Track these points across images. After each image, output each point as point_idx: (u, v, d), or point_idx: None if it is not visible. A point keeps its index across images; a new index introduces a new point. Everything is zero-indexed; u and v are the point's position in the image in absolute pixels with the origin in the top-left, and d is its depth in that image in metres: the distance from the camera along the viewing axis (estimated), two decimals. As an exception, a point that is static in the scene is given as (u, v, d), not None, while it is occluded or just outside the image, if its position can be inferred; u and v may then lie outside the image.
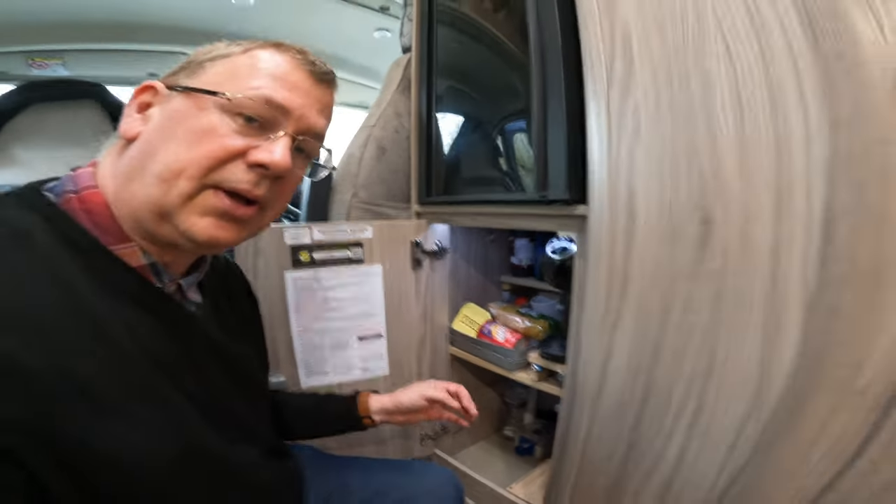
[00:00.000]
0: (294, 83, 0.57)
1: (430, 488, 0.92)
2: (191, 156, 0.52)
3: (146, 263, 0.55)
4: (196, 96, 0.54)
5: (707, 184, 0.72)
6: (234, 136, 0.54)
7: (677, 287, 0.76)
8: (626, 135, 0.82)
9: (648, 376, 0.82)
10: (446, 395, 0.95)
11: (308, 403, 0.98)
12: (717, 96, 0.71)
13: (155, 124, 0.54)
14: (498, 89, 1.18)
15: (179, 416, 0.54)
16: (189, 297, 0.63)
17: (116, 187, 0.54)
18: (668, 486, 0.83)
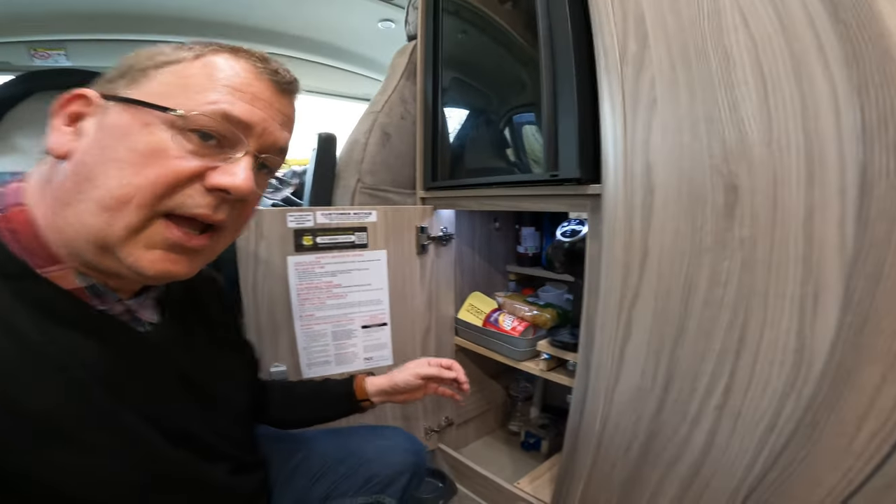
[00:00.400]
0: (255, 94, 0.50)
1: (387, 452, 0.90)
2: (138, 181, 0.44)
3: (82, 286, 0.49)
4: (139, 109, 0.46)
5: (731, 151, 0.67)
6: (188, 158, 0.47)
7: (702, 259, 0.70)
8: (642, 108, 0.77)
9: (672, 357, 0.76)
10: (440, 370, 0.94)
11: (306, 391, 0.95)
12: (738, 67, 0.67)
13: (90, 141, 0.46)
14: (506, 76, 1.14)
15: (136, 440, 0.50)
16: (141, 317, 0.56)
17: (47, 210, 0.47)
18: (694, 475, 0.77)
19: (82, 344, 0.48)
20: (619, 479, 0.90)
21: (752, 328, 0.66)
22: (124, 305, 0.53)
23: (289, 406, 0.92)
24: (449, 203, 1.26)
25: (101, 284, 0.50)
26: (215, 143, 0.48)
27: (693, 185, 0.70)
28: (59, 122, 0.48)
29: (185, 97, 0.47)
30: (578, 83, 0.88)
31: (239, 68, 0.50)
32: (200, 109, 0.46)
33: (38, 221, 0.47)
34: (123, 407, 0.49)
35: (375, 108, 1.34)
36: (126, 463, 0.49)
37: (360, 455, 0.88)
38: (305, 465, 0.86)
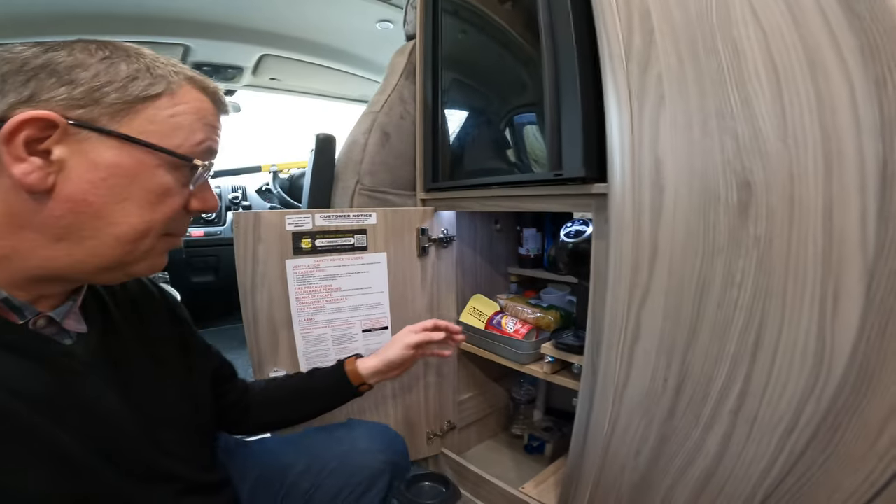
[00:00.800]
0: (218, 126, 0.55)
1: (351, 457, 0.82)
2: (155, 217, 0.49)
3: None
4: (139, 149, 0.47)
5: (744, 147, 0.64)
6: (181, 191, 0.52)
7: (716, 258, 0.67)
8: (650, 105, 0.74)
9: (684, 359, 0.72)
10: (428, 334, 0.95)
11: (292, 388, 0.90)
12: (749, 60, 0.64)
13: (87, 178, 0.44)
14: (507, 75, 1.10)
15: (62, 459, 0.46)
16: (67, 327, 0.52)
17: (15, 242, 0.45)
18: (707, 481, 0.74)
19: (2, 363, 0.44)
20: (629, 484, 0.86)
21: (769, 330, 0.63)
22: (46, 318, 0.50)
23: (274, 407, 0.87)
24: (450, 204, 1.23)
25: (17, 298, 0.47)
26: (196, 175, 0.52)
27: (705, 183, 0.67)
28: (18, 149, 0.42)
29: (178, 138, 0.49)
30: (582, 80, 0.85)
31: (207, 102, 0.53)
32: (195, 152, 0.50)
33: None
34: (48, 424, 0.45)
35: (375, 108, 1.31)
36: (49, 484, 0.45)
37: (321, 466, 0.80)
38: (265, 485, 0.79)
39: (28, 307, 0.48)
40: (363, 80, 2.33)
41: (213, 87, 0.54)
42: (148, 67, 0.48)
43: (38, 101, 0.42)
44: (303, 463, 0.81)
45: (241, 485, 0.78)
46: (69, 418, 0.48)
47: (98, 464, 0.49)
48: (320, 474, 0.79)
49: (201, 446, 0.69)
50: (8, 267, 0.45)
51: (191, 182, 0.52)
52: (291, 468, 0.80)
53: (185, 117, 0.50)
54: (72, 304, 0.53)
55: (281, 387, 0.90)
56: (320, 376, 0.91)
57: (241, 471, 0.79)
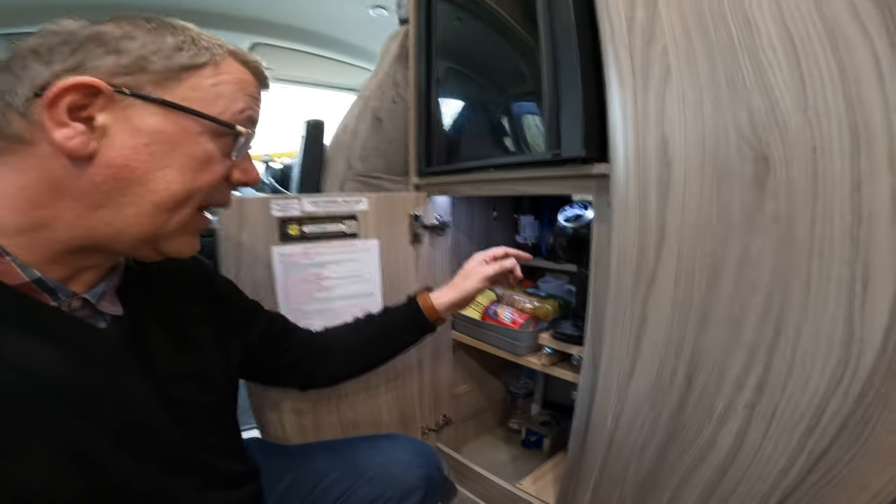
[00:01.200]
0: (258, 98, 0.55)
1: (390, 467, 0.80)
2: (196, 185, 0.48)
3: (28, 280, 0.44)
4: (182, 115, 0.46)
5: (760, 120, 0.58)
6: (223, 160, 0.51)
7: (730, 238, 0.61)
8: (655, 79, 0.67)
9: (695, 348, 0.66)
10: (501, 264, 0.93)
11: (367, 332, 0.90)
12: (762, 32, 0.58)
13: (129, 144, 0.44)
14: (502, 56, 1.04)
15: (86, 451, 0.45)
16: (102, 309, 0.51)
17: (56, 210, 0.44)
18: (719, 479, 0.68)
19: (29, 345, 0.43)
20: (633, 482, 0.81)
21: (791, 315, 0.57)
22: (81, 300, 0.48)
23: (350, 354, 0.88)
24: (444, 189, 1.16)
25: (51, 278, 0.45)
26: (238, 143, 0.52)
27: (717, 158, 0.61)
28: (61, 115, 0.41)
29: (219, 105, 0.48)
30: (581, 56, 0.78)
31: (247, 73, 0.53)
32: (237, 119, 0.50)
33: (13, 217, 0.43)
34: (73, 414, 0.44)
35: (366, 93, 1.24)
36: (71, 476, 0.44)
37: (358, 473, 0.78)
38: (297, 488, 0.77)
39: (62, 288, 0.46)
40: (357, 69, 2.26)
41: (254, 61, 0.54)
42: (193, 39, 0.48)
43: (85, 70, 0.42)
44: (340, 470, 0.79)
45: (273, 486, 0.77)
46: (97, 407, 0.46)
47: (124, 456, 0.48)
48: (356, 482, 0.77)
49: (229, 432, 0.69)
50: (47, 236, 0.44)
51: (233, 151, 0.51)
52: (326, 475, 0.79)
53: (226, 87, 0.49)
54: (107, 284, 0.52)
55: (355, 332, 0.90)
56: (395, 315, 0.91)
57: (276, 472, 0.79)
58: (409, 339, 0.92)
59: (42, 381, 0.42)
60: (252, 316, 0.78)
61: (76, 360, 0.46)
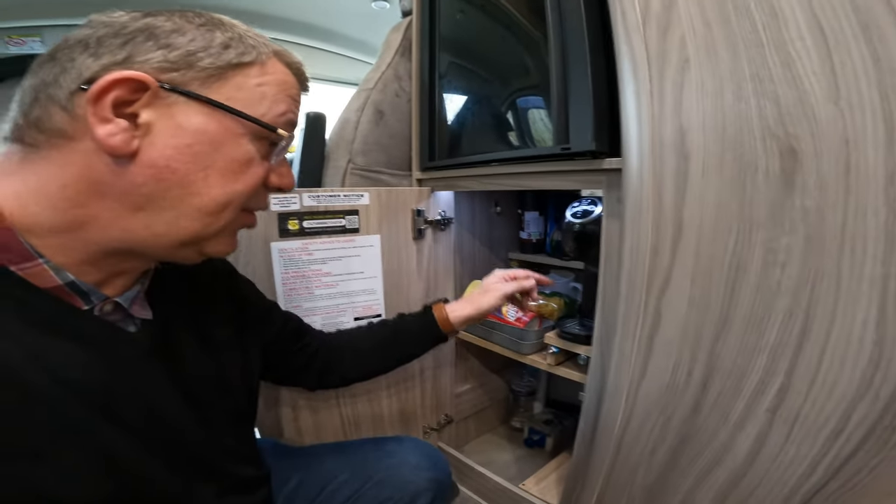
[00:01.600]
0: (299, 101, 0.53)
1: (399, 470, 0.78)
2: (237, 188, 0.46)
3: (61, 283, 0.42)
4: (225, 115, 0.44)
5: (787, 111, 0.54)
6: (262, 164, 0.49)
7: (754, 236, 0.57)
8: (672, 70, 0.63)
9: (712, 351, 0.63)
10: (521, 286, 0.92)
11: (381, 336, 0.89)
12: (791, 23, 0.54)
13: (171, 143, 0.42)
14: (508, 48, 1.00)
15: (114, 454, 0.44)
16: (133, 313, 0.49)
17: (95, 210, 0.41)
18: (735, 483, 0.65)
19: (60, 349, 0.41)
20: (642, 486, 0.77)
21: (818, 317, 0.53)
22: (113, 303, 0.47)
23: (362, 357, 0.86)
24: (447, 184, 1.12)
25: (84, 282, 0.43)
26: (278, 147, 0.50)
27: (740, 151, 0.57)
28: (105, 110, 0.39)
29: (262, 106, 0.46)
30: (591, 47, 0.75)
31: (290, 75, 0.50)
32: (278, 122, 0.48)
33: (15, 212, 0.40)
34: (101, 419, 0.43)
35: (368, 86, 1.20)
36: (104, 479, 0.43)
37: (366, 475, 0.75)
38: (304, 490, 0.75)
39: (95, 291, 0.45)
40: (357, 63, 2.21)
41: (297, 63, 0.52)
42: (241, 36, 0.46)
43: (133, 63, 0.40)
44: (348, 472, 0.77)
45: (280, 487, 0.76)
46: (127, 412, 0.45)
47: (149, 462, 0.47)
48: (365, 484, 0.76)
49: (246, 436, 0.67)
50: (84, 237, 0.42)
51: (272, 155, 0.49)
52: (335, 477, 0.77)
53: (270, 88, 0.47)
54: (139, 288, 0.50)
55: (368, 334, 0.89)
56: (410, 322, 0.90)
57: (283, 474, 0.77)
58: (421, 347, 0.91)
59: (72, 385, 0.41)
60: (269, 315, 0.77)
61: (106, 365, 0.45)
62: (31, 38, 1.83)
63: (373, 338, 0.88)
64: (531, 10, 0.92)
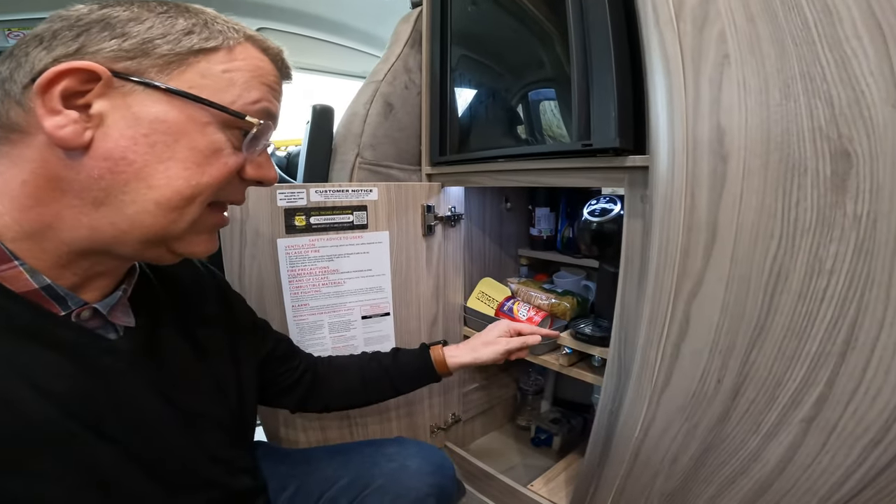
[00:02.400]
0: (277, 90, 0.49)
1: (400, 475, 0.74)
2: (203, 180, 0.43)
3: (37, 287, 0.41)
4: (188, 104, 0.41)
5: (841, 112, 0.50)
6: (235, 154, 0.45)
7: (799, 242, 0.54)
8: (710, 66, 0.59)
9: (746, 359, 0.60)
10: (524, 343, 0.90)
11: (377, 370, 0.86)
12: (846, 21, 0.50)
13: (127, 133, 0.39)
14: (524, 39, 0.96)
15: (94, 469, 0.42)
16: (113, 320, 0.47)
17: (58, 208, 0.40)
18: (761, 492, 0.62)
19: (38, 357, 0.40)
20: (660, 492, 0.75)
21: (865, 327, 0.50)
22: (91, 310, 0.45)
23: (351, 388, 0.84)
24: (459, 179, 1.08)
25: (61, 286, 0.42)
26: (246, 136, 0.46)
27: (786, 152, 0.53)
28: (53, 101, 0.37)
29: (231, 94, 0.43)
30: (615, 40, 0.71)
31: (268, 64, 0.47)
32: (249, 110, 0.44)
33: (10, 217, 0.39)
34: (82, 430, 0.41)
35: (377, 78, 1.15)
36: (87, 491, 0.42)
37: (365, 482, 0.71)
38: (304, 496, 0.72)
39: (72, 296, 0.43)
40: (365, 56, 2.14)
41: (275, 49, 0.48)
42: (206, 22, 0.43)
43: (86, 54, 0.38)
44: (347, 478, 0.73)
45: (279, 494, 0.72)
46: (107, 423, 0.44)
47: (133, 473, 0.46)
48: (363, 491, 0.71)
49: (241, 446, 0.65)
50: (53, 238, 0.40)
51: (244, 145, 0.46)
52: (334, 482, 0.73)
53: (240, 74, 0.44)
54: (121, 294, 0.48)
55: (360, 366, 0.86)
56: (405, 359, 0.88)
57: (281, 480, 0.74)
58: (411, 386, 0.89)
59: (52, 396, 0.40)
60: (262, 332, 0.75)
61: (86, 374, 0.43)
62: None
63: (364, 370, 0.85)
64: (548, 1, 0.88)
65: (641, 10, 0.67)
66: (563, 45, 0.85)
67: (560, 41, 0.86)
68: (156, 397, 0.49)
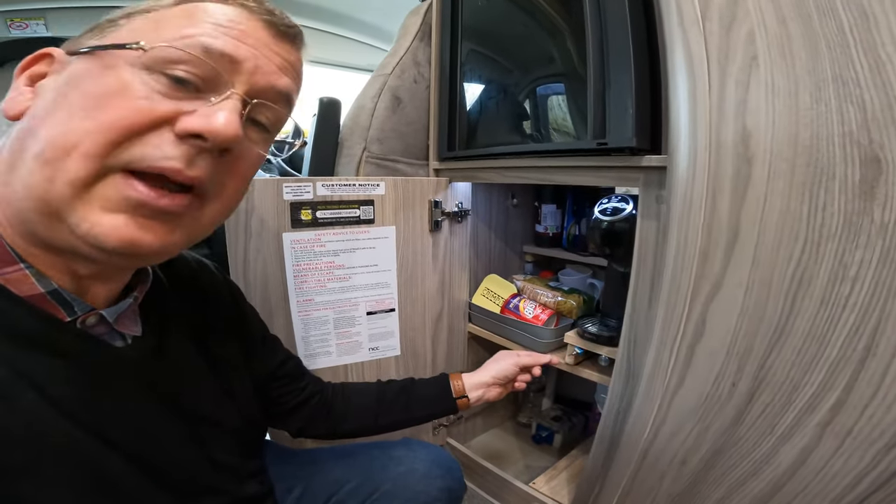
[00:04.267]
0: (244, 31, 0.40)
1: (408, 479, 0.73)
2: (86, 125, 0.34)
3: (43, 291, 0.38)
4: (102, 55, 0.37)
5: (873, 117, 0.50)
6: (156, 99, 0.36)
7: (823, 247, 0.53)
8: (736, 67, 0.58)
9: (763, 363, 0.59)
10: (538, 360, 0.87)
11: (394, 389, 0.82)
12: (882, 25, 0.49)
13: (46, 96, 0.37)
14: (539, 34, 0.94)
15: (99, 473, 0.40)
16: (120, 328, 0.45)
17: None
18: (771, 495, 0.63)
19: (42, 364, 0.38)
20: (667, 494, 0.75)
21: (886, 334, 0.50)
22: (97, 316, 0.42)
23: (368, 410, 0.79)
24: (466, 175, 1.07)
25: (67, 291, 0.40)
26: (193, 88, 0.38)
27: (815, 156, 0.53)
28: (20, 83, 0.40)
29: (156, 35, 0.37)
30: (634, 38, 0.70)
31: (227, 9, 0.40)
32: (173, 43, 0.37)
33: None
34: (89, 439, 0.39)
35: (385, 71, 1.13)
36: (92, 499, 0.40)
37: (374, 485, 0.70)
38: (310, 499, 0.71)
39: (78, 301, 0.41)
40: (371, 49, 2.11)
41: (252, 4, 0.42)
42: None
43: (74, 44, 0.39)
44: (355, 481, 0.71)
45: (286, 495, 0.70)
46: (112, 430, 0.42)
47: (140, 480, 0.44)
48: (372, 495, 0.70)
49: (249, 454, 0.62)
50: (13, 213, 0.37)
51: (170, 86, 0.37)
52: (342, 485, 0.71)
53: (174, 20, 0.39)
54: (131, 302, 0.46)
55: (376, 398, 0.80)
56: (422, 386, 0.83)
57: (287, 481, 0.71)
58: (427, 409, 0.83)
59: (57, 402, 0.38)
60: (273, 345, 0.73)
61: (91, 382, 0.41)
62: (35, 22, 1.72)
63: (381, 400, 0.80)
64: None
65: (664, 9, 0.66)
66: (575, 41, 0.84)
67: (572, 37, 0.85)
68: (161, 406, 0.48)
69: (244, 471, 0.59)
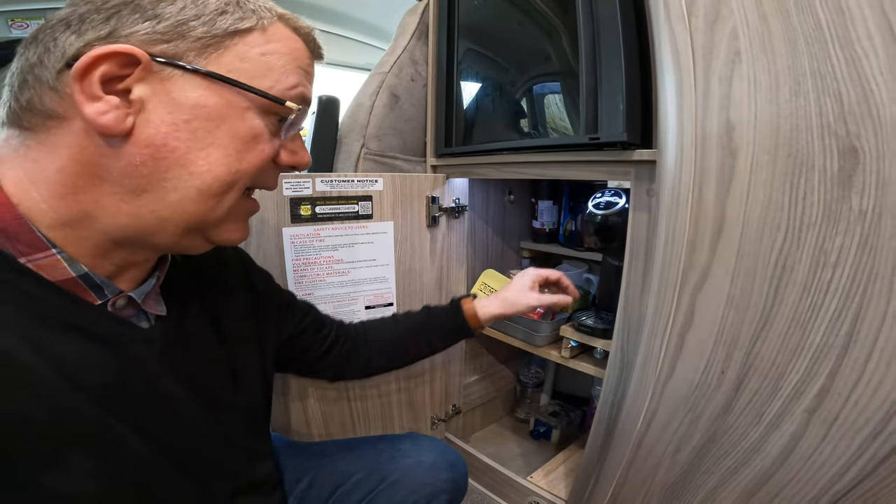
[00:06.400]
0: (311, 73, 0.49)
1: (414, 471, 0.75)
2: (242, 167, 0.43)
3: (74, 276, 0.40)
4: (226, 88, 0.40)
5: (850, 110, 0.51)
6: (271, 140, 0.45)
7: (804, 235, 0.55)
8: (720, 63, 0.61)
9: (749, 350, 0.61)
10: (560, 300, 0.90)
11: (411, 325, 0.87)
12: (858, 21, 0.51)
13: (167, 119, 0.38)
14: (532, 32, 0.96)
15: (127, 459, 0.42)
16: (146, 308, 0.47)
17: (97, 195, 0.39)
18: (762, 483, 0.64)
19: (72, 347, 0.39)
20: (662, 483, 0.77)
21: (868, 319, 0.52)
22: (126, 298, 0.44)
23: (387, 348, 0.85)
24: (464, 171, 1.09)
25: (98, 274, 0.41)
26: (287, 122, 0.46)
27: (795, 148, 0.55)
28: (93, 87, 0.36)
29: (269, 78, 0.43)
30: (624, 34, 0.72)
31: (300, 44, 0.47)
32: (287, 95, 0.44)
33: (20, 200, 0.38)
34: (113, 420, 0.41)
35: (383, 69, 1.15)
36: (107, 485, 0.40)
37: (381, 476, 0.72)
38: (317, 489, 0.73)
39: (108, 284, 0.42)
40: (369, 48, 2.14)
41: (306, 29, 0.48)
42: (237, 1, 0.42)
43: (119, 37, 0.37)
44: (362, 472, 0.74)
45: (293, 487, 0.73)
46: (138, 412, 0.43)
47: (162, 462, 0.45)
48: (379, 485, 0.72)
49: (260, 435, 0.65)
50: (91, 227, 0.39)
51: (282, 131, 0.46)
52: (349, 476, 0.74)
53: (277, 57, 0.43)
54: (154, 282, 0.48)
55: (393, 327, 0.87)
56: (436, 315, 0.88)
57: (295, 473, 0.74)
58: (446, 341, 0.89)
59: (87, 389, 0.39)
60: (287, 308, 0.74)
61: (120, 364, 0.42)
62: (36, 21, 1.76)
63: (397, 331, 0.86)
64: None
65: (652, 5, 0.68)
66: (570, 38, 0.86)
67: (567, 35, 0.87)
68: (183, 387, 0.49)
69: (257, 452, 0.61)
